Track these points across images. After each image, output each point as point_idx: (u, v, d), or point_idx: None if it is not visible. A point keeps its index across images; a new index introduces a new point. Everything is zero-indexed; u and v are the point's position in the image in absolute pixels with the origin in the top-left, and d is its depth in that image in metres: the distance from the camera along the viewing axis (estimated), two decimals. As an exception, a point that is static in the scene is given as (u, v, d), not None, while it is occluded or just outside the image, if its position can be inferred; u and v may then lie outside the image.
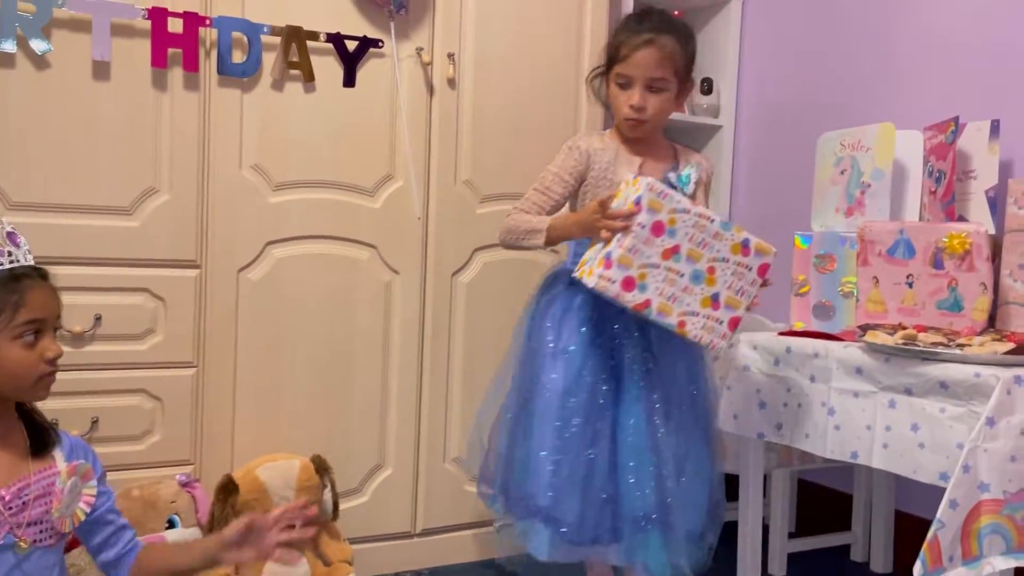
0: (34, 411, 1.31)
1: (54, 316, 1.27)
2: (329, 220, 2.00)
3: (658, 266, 1.50)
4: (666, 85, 1.72)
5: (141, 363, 1.83)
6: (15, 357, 1.22)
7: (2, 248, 1.23)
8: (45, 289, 1.26)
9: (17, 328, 1.21)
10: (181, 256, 1.86)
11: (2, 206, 1.69)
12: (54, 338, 1.26)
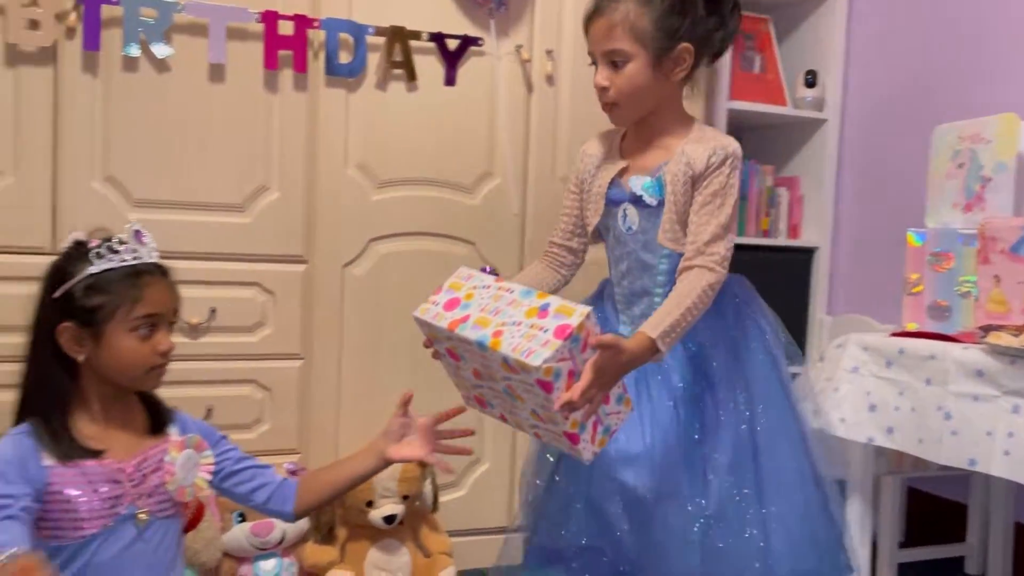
0: (151, 393, 1.39)
1: (170, 311, 1.34)
2: (429, 217, 2.03)
3: (450, 338, 1.35)
4: (627, 56, 1.44)
5: (252, 354, 1.90)
6: (129, 348, 1.29)
7: (128, 245, 1.30)
8: (164, 285, 1.33)
9: (134, 321, 1.28)
10: (289, 251, 1.92)
11: (126, 203, 1.78)
12: (168, 332, 1.33)
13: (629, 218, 1.53)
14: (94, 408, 1.31)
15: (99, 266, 1.28)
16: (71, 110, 1.74)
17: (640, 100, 1.48)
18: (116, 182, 1.78)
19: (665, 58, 1.45)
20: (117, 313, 1.28)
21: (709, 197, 1.46)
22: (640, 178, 1.51)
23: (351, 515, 1.85)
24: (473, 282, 1.36)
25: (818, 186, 2.65)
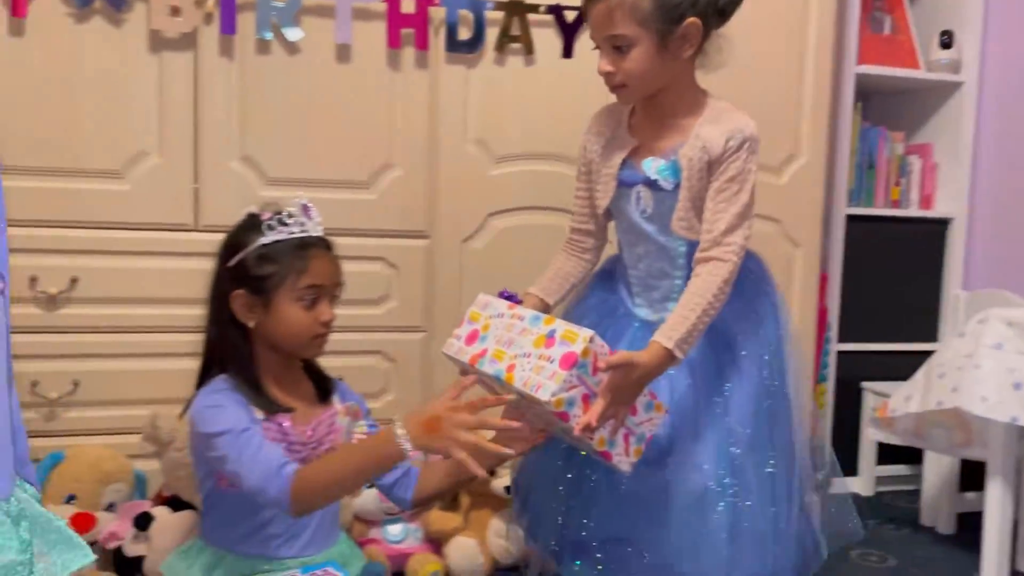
0: (314, 363, 1.48)
1: (333, 284, 1.42)
2: (546, 191, 2.03)
3: (474, 372, 1.36)
4: (631, 41, 1.38)
5: (378, 326, 1.96)
6: (295, 316, 1.37)
7: (297, 219, 1.39)
8: (328, 259, 1.41)
9: (299, 291, 1.37)
10: (412, 227, 1.97)
11: (261, 182, 1.86)
12: (330, 304, 1.42)
13: (643, 200, 1.49)
14: (270, 374, 1.41)
15: (270, 237, 1.37)
16: (210, 93, 1.82)
17: (648, 81, 1.43)
18: (252, 161, 1.86)
19: (671, 38, 1.39)
20: (285, 283, 1.37)
21: (726, 183, 1.40)
22: (655, 160, 1.46)
23: (474, 484, 1.89)
24: (489, 311, 1.39)
25: (953, 154, 2.51)
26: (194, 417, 1.33)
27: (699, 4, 1.38)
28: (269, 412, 1.35)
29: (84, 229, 1.76)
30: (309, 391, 1.45)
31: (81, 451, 1.73)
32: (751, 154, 1.42)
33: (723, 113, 1.44)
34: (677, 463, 1.41)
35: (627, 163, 1.50)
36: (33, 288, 1.73)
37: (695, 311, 1.35)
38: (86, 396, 1.78)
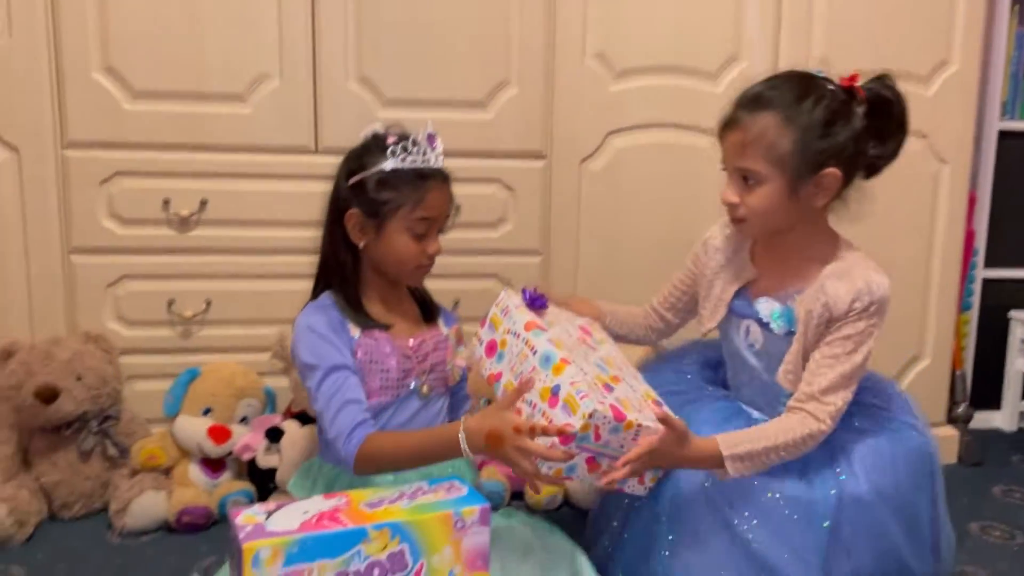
0: (421, 286, 1.50)
1: (443, 216, 1.43)
2: (669, 108, 1.94)
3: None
4: (760, 178, 1.29)
5: (494, 250, 1.94)
6: (404, 245, 1.38)
7: (420, 147, 1.38)
8: (443, 191, 1.41)
9: (412, 221, 1.37)
10: (529, 147, 1.92)
11: (378, 103, 1.85)
12: (438, 236, 1.42)
13: (752, 335, 1.41)
14: (375, 293, 1.44)
15: (392, 163, 1.37)
16: (327, 14, 1.81)
17: (772, 222, 1.33)
18: (369, 82, 1.84)
19: (804, 184, 1.28)
20: (399, 211, 1.38)
21: (840, 340, 1.30)
22: (769, 302, 1.37)
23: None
24: (508, 322, 1.33)
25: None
26: (295, 331, 1.38)
27: (844, 154, 1.28)
28: (365, 328, 1.38)
29: (211, 152, 1.80)
30: (414, 312, 1.48)
31: (216, 367, 1.81)
32: (878, 318, 1.30)
33: (854, 268, 1.32)
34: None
35: (742, 294, 1.42)
36: (166, 210, 1.79)
37: (766, 441, 1.27)
38: (218, 315, 1.85)
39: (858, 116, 1.28)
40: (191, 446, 1.75)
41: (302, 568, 1.01)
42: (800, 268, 1.35)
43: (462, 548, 1.10)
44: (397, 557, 1.06)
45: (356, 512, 1.08)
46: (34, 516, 1.67)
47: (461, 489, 1.16)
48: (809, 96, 1.27)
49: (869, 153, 1.31)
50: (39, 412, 1.68)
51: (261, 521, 1.04)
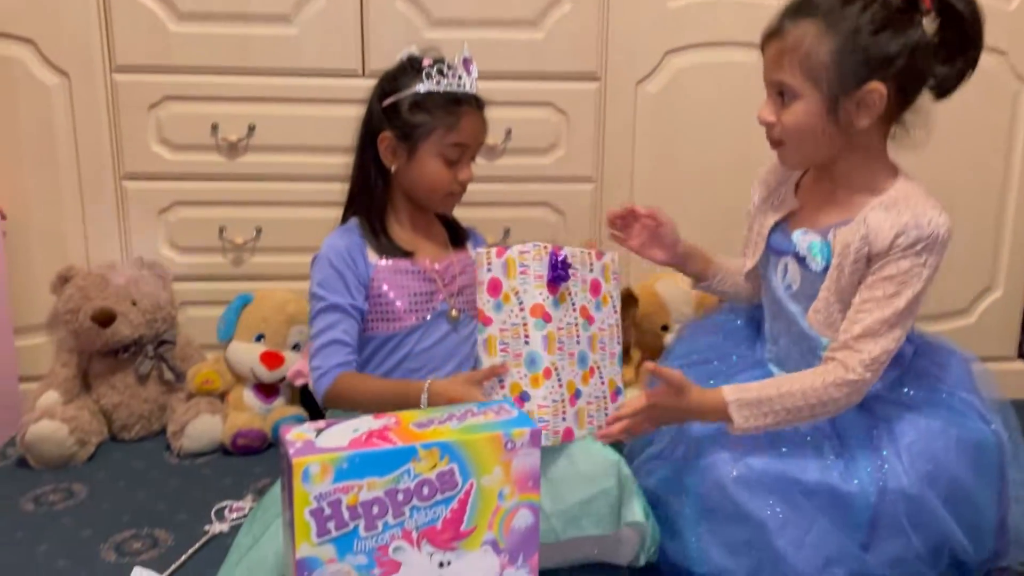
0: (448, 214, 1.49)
1: (477, 144, 1.40)
2: (732, 25, 1.84)
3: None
4: (794, 92, 1.17)
5: (545, 176, 1.89)
6: (435, 170, 1.37)
7: (456, 71, 1.36)
8: (477, 118, 1.39)
9: (444, 147, 1.36)
10: (582, 68, 1.84)
11: (426, 23, 1.79)
12: (470, 163, 1.40)
13: (789, 274, 1.28)
14: (403, 217, 1.43)
15: (427, 86, 1.34)
16: (372, -71, 1.75)
17: (811, 146, 1.20)
18: (416, 1, 1.78)
19: (845, 99, 1.15)
20: (432, 135, 1.36)
21: (881, 282, 1.16)
22: (807, 234, 1.24)
23: (646, 338, 1.84)
24: (520, 284, 1.28)
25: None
26: (316, 254, 1.39)
27: (892, 69, 1.13)
28: (386, 255, 1.37)
29: (257, 76, 1.77)
30: (442, 237, 1.46)
31: (267, 294, 1.81)
32: (926, 255, 1.16)
33: (906, 200, 1.18)
34: None
35: (780, 227, 1.30)
36: (215, 135, 1.78)
37: (780, 390, 1.18)
38: (269, 242, 1.85)
39: (917, 27, 1.14)
40: (244, 371, 1.77)
41: (351, 484, 1.00)
42: (845, 200, 1.23)
43: (512, 469, 1.08)
44: (447, 476, 1.05)
45: (406, 431, 1.06)
46: (95, 437, 1.71)
47: (511, 412, 1.14)
48: (858, 0, 1.14)
49: (931, 71, 1.17)
50: (96, 336, 1.71)
51: (311, 438, 1.04)
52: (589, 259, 1.36)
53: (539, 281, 1.27)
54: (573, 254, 1.32)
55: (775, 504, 1.20)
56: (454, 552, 1.07)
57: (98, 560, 1.34)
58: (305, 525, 0.99)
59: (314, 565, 1.01)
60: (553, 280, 1.28)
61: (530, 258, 1.28)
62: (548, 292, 1.28)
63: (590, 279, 1.36)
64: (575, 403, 1.30)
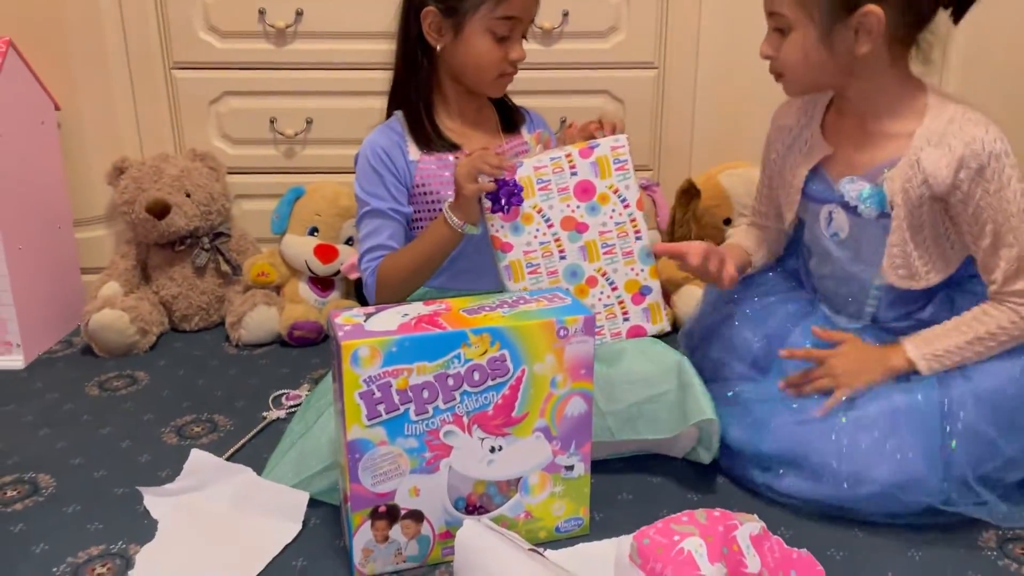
0: (504, 96, 1.39)
1: (528, 19, 1.30)
2: None
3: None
4: (789, 23, 1.12)
5: (604, 63, 1.80)
6: (484, 47, 1.28)
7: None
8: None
9: (494, 21, 1.26)
10: (644, -56, 1.73)
11: None
12: (521, 41, 1.30)
13: (836, 222, 1.21)
14: (451, 104, 1.35)
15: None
16: None
17: (810, 77, 1.16)
18: None
19: (839, 26, 1.10)
20: (481, 8, 1.26)
21: (980, 229, 1.12)
22: (856, 182, 1.17)
23: (706, 232, 1.77)
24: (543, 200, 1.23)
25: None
26: (360, 152, 1.34)
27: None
28: (429, 150, 1.31)
29: (305, -43, 1.71)
30: (494, 123, 1.38)
31: (320, 186, 1.79)
32: (999, 173, 1.09)
33: (950, 126, 1.11)
34: None
35: (818, 174, 1.22)
36: (262, 22, 1.73)
37: (969, 340, 1.14)
38: (320, 134, 1.81)
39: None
40: (299, 264, 1.77)
41: (401, 368, 0.99)
42: (884, 134, 1.17)
43: (565, 356, 1.05)
44: (498, 362, 1.03)
45: (456, 316, 1.04)
46: (155, 327, 1.74)
47: (564, 299, 1.11)
48: None
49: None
50: (152, 227, 1.72)
51: (360, 322, 1.02)
52: (567, 162, 1.24)
53: (566, 194, 1.24)
54: (541, 163, 1.22)
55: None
56: (505, 438, 1.06)
57: (159, 442, 1.38)
58: (355, 408, 0.99)
59: (365, 447, 1.01)
60: (507, 200, 1.23)
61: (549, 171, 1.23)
62: (501, 221, 1.23)
63: (573, 183, 1.24)
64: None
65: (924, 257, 1.17)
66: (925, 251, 1.17)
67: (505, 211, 1.23)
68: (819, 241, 1.28)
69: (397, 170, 1.31)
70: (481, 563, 0.95)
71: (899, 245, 1.17)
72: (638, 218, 1.25)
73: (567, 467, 1.11)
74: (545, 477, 1.10)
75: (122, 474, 1.28)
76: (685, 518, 0.94)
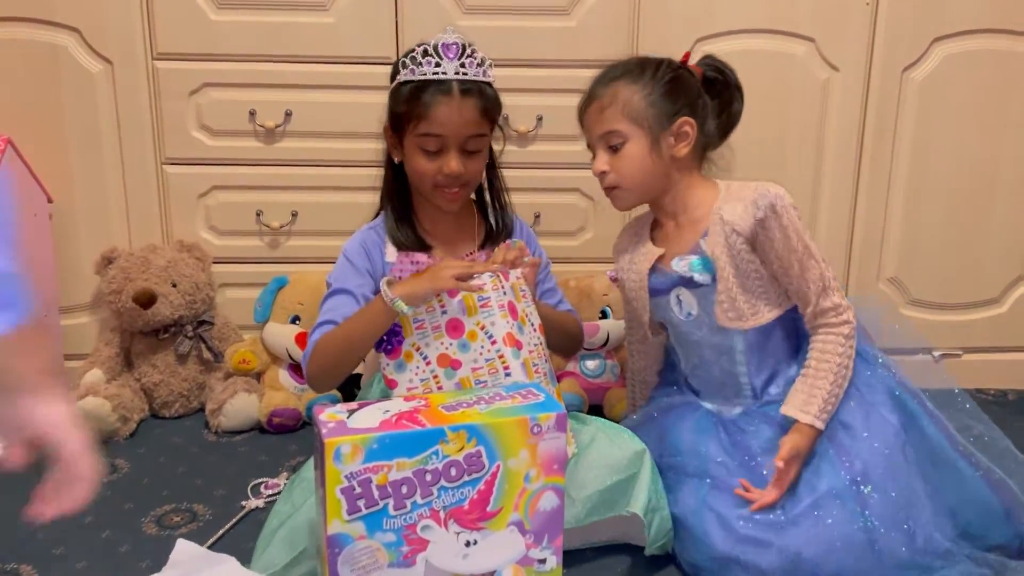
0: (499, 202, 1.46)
1: (456, 136, 1.32)
2: (762, 11, 1.84)
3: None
4: (623, 136, 1.35)
5: (576, 163, 1.89)
6: (416, 163, 1.35)
7: (431, 59, 1.30)
8: (455, 106, 1.31)
9: (419, 138, 1.32)
10: (613, 55, 1.83)
11: (459, 10, 1.81)
12: (458, 155, 1.33)
13: (685, 304, 1.39)
14: (424, 211, 1.42)
15: (403, 76, 1.32)
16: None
17: (643, 182, 1.38)
18: (450, -12, 1.81)
19: (664, 135, 1.35)
20: (408, 126, 1.33)
21: (777, 257, 1.33)
22: (683, 258, 1.37)
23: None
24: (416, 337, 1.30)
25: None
26: (344, 247, 1.41)
27: (695, 107, 1.36)
28: (403, 250, 1.38)
29: (294, 63, 1.81)
30: (471, 231, 1.44)
31: (303, 276, 1.85)
32: (787, 212, 1.31)
33: (741, 189, 1.36)
34: None
35: (656, 269, 1.42)
36: (252, 121, 1.82)
37: (831, 381, 1.29)
38: (305, 226, 1.89)
39: (695, 88, 1.37)
40: (280, 352, 1.82)
41: (381, 464, 1.04)
42: (692, 220, 1.39)
43: (538, 452, 1.11)
44: (474, 458, 1.08)
45: (435, 414, 1.09)
46: (136, 413, 1.77)
47: (538, 396, 1.16)
48: (650, 65, 1.37)
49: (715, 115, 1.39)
50: (138, 316, 1.77)
51: (343, 419, 1.07)
52: (500, 282, 1.31)
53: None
54: (484, 281, 1.29)
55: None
56: (480, 532, 1.11)
57: (140, 532, 1.40)
58: (336, 503, 1.03)
59: (345, 541, 1.04)
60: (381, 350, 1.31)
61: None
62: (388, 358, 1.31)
63: (444, 321, 1.30)
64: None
65: (749, 300, 1.35)
66: (750, 295, 1.35)
67: (387, 351, 1.30)
68: (679, 329, 1.43)
69: (373, 267, 1.38)
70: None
71: (725, 292, 1.34)
72: (506, 354, 1.28)
73: (540, 560, 1.15)
74: (519, 571, 1.14)
75: (103, 566, 1.30)
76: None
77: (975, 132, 1.90)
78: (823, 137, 1.91)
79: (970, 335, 2.01)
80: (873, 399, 1.32)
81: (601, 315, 1.88)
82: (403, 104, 1.32)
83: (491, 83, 1.38)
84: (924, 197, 1.93)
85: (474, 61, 1.33)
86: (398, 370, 1.31)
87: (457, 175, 1.34)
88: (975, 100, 1.88)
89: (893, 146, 1.91)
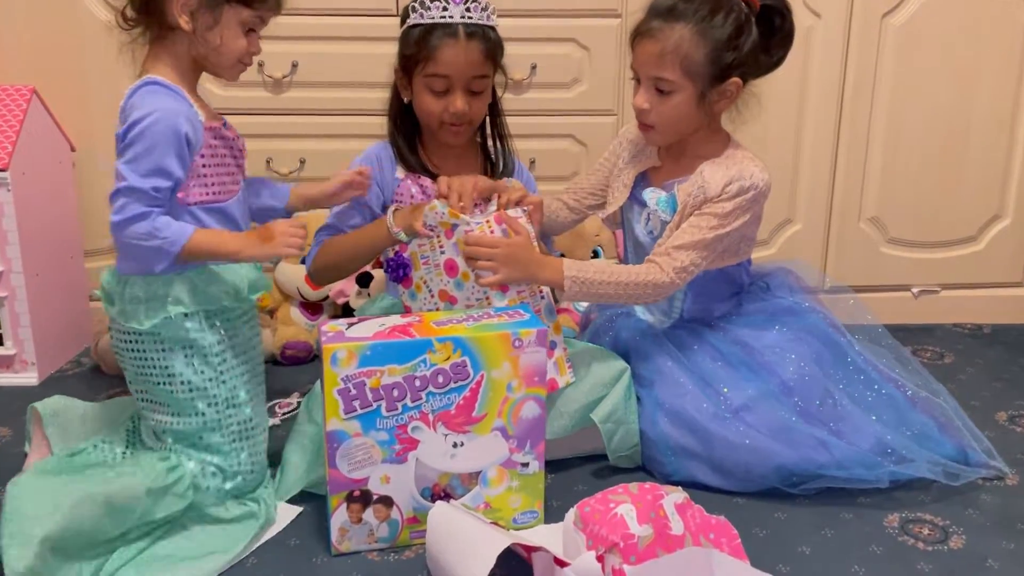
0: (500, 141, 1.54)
1: (461, 74, 1.41)
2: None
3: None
4: (674, 86, 1.39)
5: (569, 110, 1.99)
6: (424, 102, 1.44)
7: (439, 3, 1.39)
8: (459, 48, 1.40)
9: (427, 79, 1.41)
10: (604, 5, 1.93)
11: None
12: (463, 95, 1.42)
13: (652, 223, 1.48)
14: (431, 144, 1.52)
15: (412, 19, 1.41)
16: None
17: (679, 129, 1.44)
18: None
19: (712, 92, 1.40)
20: (416, 67, 1.42)
21: (707, 216, 1.40)
22: (655, 192, 1.47)
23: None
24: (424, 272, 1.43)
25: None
26: (364, 152, 1.53)
27: (746, 65, 1.39)
28: (410, 172, 1.48)
29: (300, 16, 1.89)
30: (474, 166, 1.54)
31: (312, 218, 1.95)
32: (749, 204, 1.41)
33: (735, 159, 1.43)
34: None
35: (644, 179, 1.52)
36: (261, 73, 1.92)
37: (610, 276, 1.38)
38: (312, 173, 1.99)
39: (755, 28, 1.39)
40: (291, 290, 1.93)
41: (374, 370, 1.15)
42: (690, 163, 1.46)
43: (520, 364, 1.22)
44: (459, 367, 1.19)
45: (426, 327, 1.21)
46: (159, 347, 1.89)
47: (523, 315, 1.27)
48: (721, 10, 1.36)
49: (764, 64, 1.43)
50: (158, 256, 1.88)
51: (342, 329, 1.19)
52: (439, 242, 1.41)
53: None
54: (421, 242, 1.41)
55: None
56: (466, 435, 1.22)
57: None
58: (334, 402, 1.15)
59: (342, 438, 1.17)
60: (395, 274, 1.45)
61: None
62: (402, 287, 1.45)
63: (443, 260, 1.42)
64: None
65: None
66: None
67: (402, 281, 1.45)
68: (638, 238, 1.54)
69: (383, 179, 1.49)
70: (451, 532, 1.11)
71: (669, 231, 1.44)
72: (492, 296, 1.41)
73: (523, 464, 1.26)
74: (503, 472, 1.26)
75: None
76: (620, 490, 1.11)
77: (952, 76, 1.97)
78: (805, 82, 1.98)
79: (948, 272, 2.10)
80: (800, 335, 1.43)
81: (592, 255, 1.97)
82: (412, 46, 1.41)
83: (495, 27, 1.46)
84: (903, 139, 2.02)
85: (479, 5, 1.41)
86: (411, 299, 1.46)
87: (462, 113, 1.43)
88: (952, 44, 1.95)
89: (873, 89, 1.98)
